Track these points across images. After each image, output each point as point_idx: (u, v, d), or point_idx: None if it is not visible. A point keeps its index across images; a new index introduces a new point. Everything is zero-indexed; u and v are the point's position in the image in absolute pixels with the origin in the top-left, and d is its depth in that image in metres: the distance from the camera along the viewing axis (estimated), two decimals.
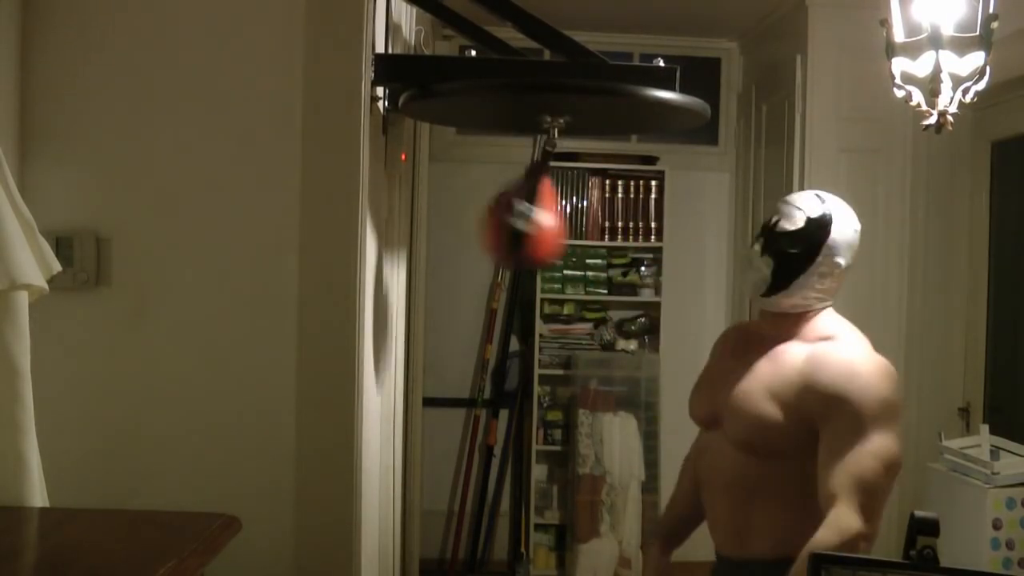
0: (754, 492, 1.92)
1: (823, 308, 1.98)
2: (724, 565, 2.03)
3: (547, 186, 2.16)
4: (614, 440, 4.47)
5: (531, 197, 2.10)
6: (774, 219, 1.97)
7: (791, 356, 1.92)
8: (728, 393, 1.97)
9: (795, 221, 1.94)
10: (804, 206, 1.96)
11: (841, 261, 1.95)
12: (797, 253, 1.92)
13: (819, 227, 1.93)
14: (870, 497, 1.75)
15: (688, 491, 2.21)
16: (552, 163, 4.77)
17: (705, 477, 2.07)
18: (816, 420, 1.83)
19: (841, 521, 1.73)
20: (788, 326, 1.97)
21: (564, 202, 4.67)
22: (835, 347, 1.90)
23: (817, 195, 2.01)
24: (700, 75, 4.84)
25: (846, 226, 1.96)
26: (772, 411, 1.87)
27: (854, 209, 2.03)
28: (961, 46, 2.13)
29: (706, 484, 2.06)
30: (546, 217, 2.10)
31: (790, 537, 1.80)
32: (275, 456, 1.96)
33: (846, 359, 1.86)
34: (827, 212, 1.95)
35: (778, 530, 1.88)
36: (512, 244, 2.09)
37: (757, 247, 1.97)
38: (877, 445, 1.77)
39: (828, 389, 1.82)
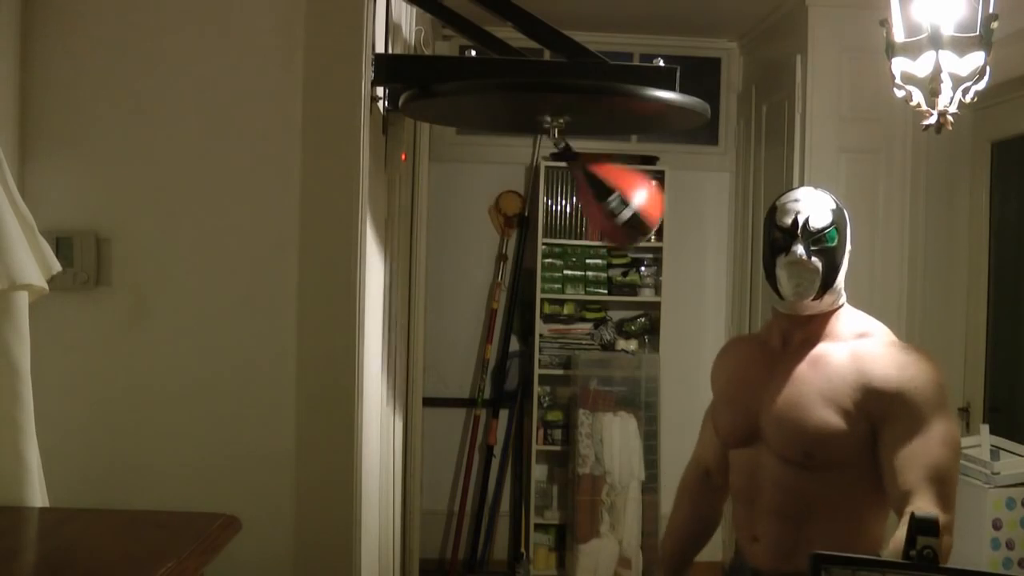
0: (808, 507, 1.86)
1: (844, 303, 1.95)
2: None
3: (602, 168, 2.16)
4: (614, 440, 4.47)
5: (604, 188, 2.12)
6: (800, 219, 1.88)
7: (836, 358, 1.86)
8: (771, 406, 1.89)
9: (825, 215, 1.89)
10: (820, 199, 1.92)
11: (850, 247, 1.93)
12: (833, 248, 1.88)
13: (842, 215, 1.92)
14: (946, 485, 1.71)
15: (690, 517, 2.18)
16: (552, 163, 4.79)
17: (745, 496, 1.97)
18: (876, 420, 1.79)
19: None
20: (815, 327, 1.92)
21: (564, 202, 4.67)
22: (876, 343, 1.86)
23: (814, 187, 1.99)
24: (700, 75, 4.84)
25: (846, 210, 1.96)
26: (832, 418, 1.81)
27: (854, 209, 2.02)
28: (961, 46, 2.13)
29: (746, 502, 1.97)
30: (633, 194, 2.12)
31: (847, 549, 1.66)
32: (275, 456, 1.96)
33: (893, 353, 1.83)
34: (836, 199, 1.94)
35: (836, 545, 1.75)
36: (632, 230, 2.13)
37: (800, 250, 1.86)
38: (942, 432, 1.74)
39: (885, 386, 1.79)
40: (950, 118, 2.19)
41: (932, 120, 2.20)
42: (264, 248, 1.98)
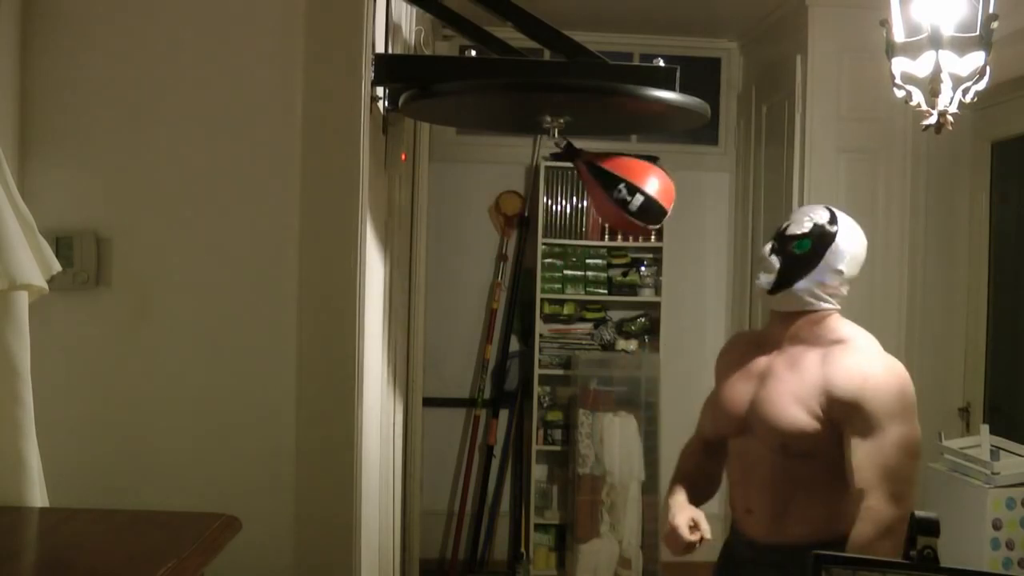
0: (795, 485, 2.03)
1: (830, 312, 2.08)
2: (752, 550, 2.12)
3: (606, 160, 2.21)
4: (614, 440, 4.47)
5: (610, 178, 2.16)
6: (785, 224, 2.11)
7: (809, 362, 2.03)
8: (754, 402, 2.07)
9: (803, 226, 2.07)
10: (813, 215, 2.09)
11: (843, 269, 2.05)
12: (800, 255, 2.04)
13: (823, 234, 2.06)
14: (898, 483, 1.90)
15: (694, 470, 2.27)
16: (552, 163, 4.79)
17: (741, 478, 2.15)
18: (837, 422, 1.96)
19: (873, 513, 1.88)
20: (798, 329, 2.08)
21: (564, 202, 4.67)
22: (846, 352, 2.00)
23: (829, 208, 2.12)
24: (700, 75, 4.84)
25: (851, 237, 2.07)
26: (802, 416, 1.98)
27: (854, 209, 2.08)
28: (961, 46, 2.14)
29: (742, 484, 2.14)
30: (641, 180, 2.17)
31: (827, 523, 1.99)
32: (275, 456, 1.96)
33: (856, 363, 1.98)
34: (833, 221, 2.08)
35: (817, 519, 2.01)
36: (647, 216, 2.18)
37: (768, 248, 2.10)
38: (896, 435, 1.91)
39: (844, 395, 1.95)
40: (950, 118, 2.19)
41: (932, 120, 2.21)
42: (264, 248, 1.98)
